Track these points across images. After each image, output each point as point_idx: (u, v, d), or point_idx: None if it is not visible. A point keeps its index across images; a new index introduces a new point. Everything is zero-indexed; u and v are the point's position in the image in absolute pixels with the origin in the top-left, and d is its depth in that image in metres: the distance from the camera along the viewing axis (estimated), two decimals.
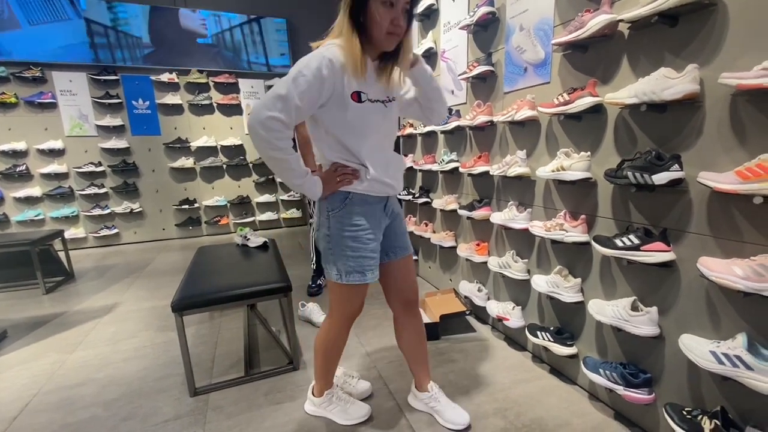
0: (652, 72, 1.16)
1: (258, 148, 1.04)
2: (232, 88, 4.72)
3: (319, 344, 1.37)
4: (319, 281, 2.75)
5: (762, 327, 1.01)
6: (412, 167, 2.83)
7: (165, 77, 4.39)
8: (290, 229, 5.04)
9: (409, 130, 2.81)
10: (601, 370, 1.38)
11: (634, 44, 1.29)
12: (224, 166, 4.83)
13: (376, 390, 1.61)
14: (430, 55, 2.58)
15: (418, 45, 2.67)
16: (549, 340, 1.63)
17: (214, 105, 4.69)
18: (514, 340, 1.97)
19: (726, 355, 1.00)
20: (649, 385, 1.27)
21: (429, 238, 2.61)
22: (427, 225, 2.74)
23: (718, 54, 1.06)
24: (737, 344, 0.99)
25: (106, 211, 4.38)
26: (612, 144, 1.39)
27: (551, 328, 1.65)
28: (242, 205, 4.94)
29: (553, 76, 1.62)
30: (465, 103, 2.27)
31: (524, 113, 1.68)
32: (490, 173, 1.93)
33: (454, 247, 2.37)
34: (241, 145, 4.83)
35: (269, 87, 4.65)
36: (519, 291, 1.92)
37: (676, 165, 1.12)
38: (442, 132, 2.42)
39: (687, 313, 1.18)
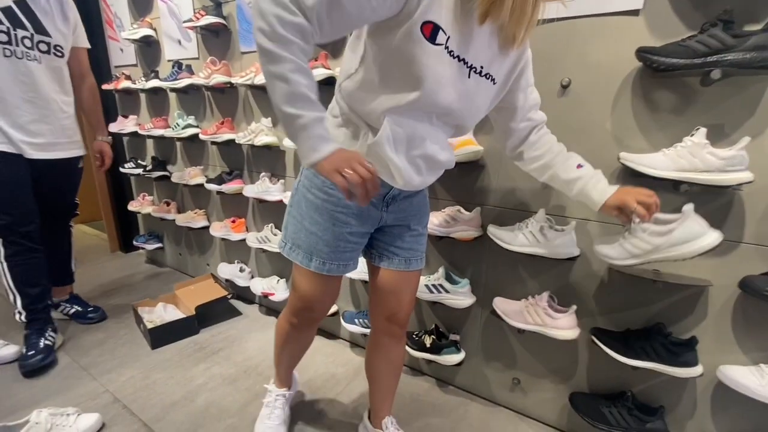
0: None
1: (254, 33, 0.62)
2: None
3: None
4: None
5: (453, 260, 1.37)
6: (137, 132, 2.23)
7: None
8: None
9: (125, 83, 2.16)
10: (356, 320, 1.56)
11: None
12: None
13: (114, 416, 1.27)
14: None
15: None
16: None
17: None
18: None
19: (434, 286, 1.30)
20: None
21: (174, 220, 2.20)
22: (168, 204, 2.29)
23: None
24: (439, 276, 1.30)
25: None
26: None
27: None
28: None
29: None
30: (198, 58, 1.93)
31: (262, 78, 1.56)
32: (237, 141, 1.74)
33: (207, 227, 2.09)
34: None
35: None
36: (282, 264, 1.90)
37: None
38: (173, 90, 1.99)
39: None
